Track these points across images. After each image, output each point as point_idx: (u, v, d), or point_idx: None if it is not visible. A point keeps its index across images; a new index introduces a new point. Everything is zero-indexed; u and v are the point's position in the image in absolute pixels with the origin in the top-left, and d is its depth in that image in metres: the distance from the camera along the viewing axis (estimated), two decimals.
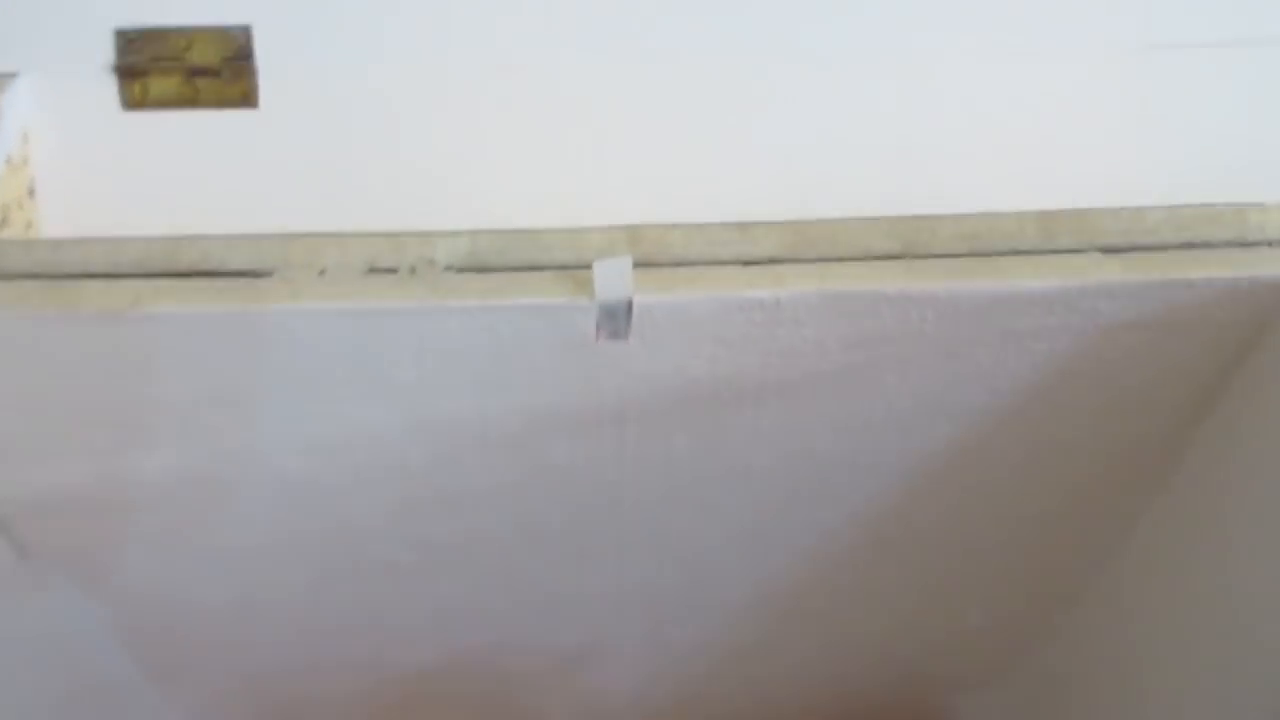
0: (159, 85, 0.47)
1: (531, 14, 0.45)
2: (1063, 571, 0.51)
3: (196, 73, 0.47)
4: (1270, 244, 0.37)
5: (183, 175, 0.48)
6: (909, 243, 0.37)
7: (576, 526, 0.46)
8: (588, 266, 0.35)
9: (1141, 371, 0.39)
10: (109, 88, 0.47)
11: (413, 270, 0.36)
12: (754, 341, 0.37)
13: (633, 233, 0.37)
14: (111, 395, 0.38)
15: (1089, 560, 0.50)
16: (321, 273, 0.36)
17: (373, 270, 0.36)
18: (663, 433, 0.40)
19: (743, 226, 0.37)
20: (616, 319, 0.35)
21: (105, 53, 0.47)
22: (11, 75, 0.45)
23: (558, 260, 0.36)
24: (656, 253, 0.36)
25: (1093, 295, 0.36)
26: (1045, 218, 0.37)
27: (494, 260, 0.36)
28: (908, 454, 0.42)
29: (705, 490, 0.44)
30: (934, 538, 0.48)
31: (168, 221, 0.40)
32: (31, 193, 0.46)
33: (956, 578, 0.51)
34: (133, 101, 0.47)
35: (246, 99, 0.47)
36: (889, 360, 0.38)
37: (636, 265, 0.35)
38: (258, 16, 0.46)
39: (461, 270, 0.36)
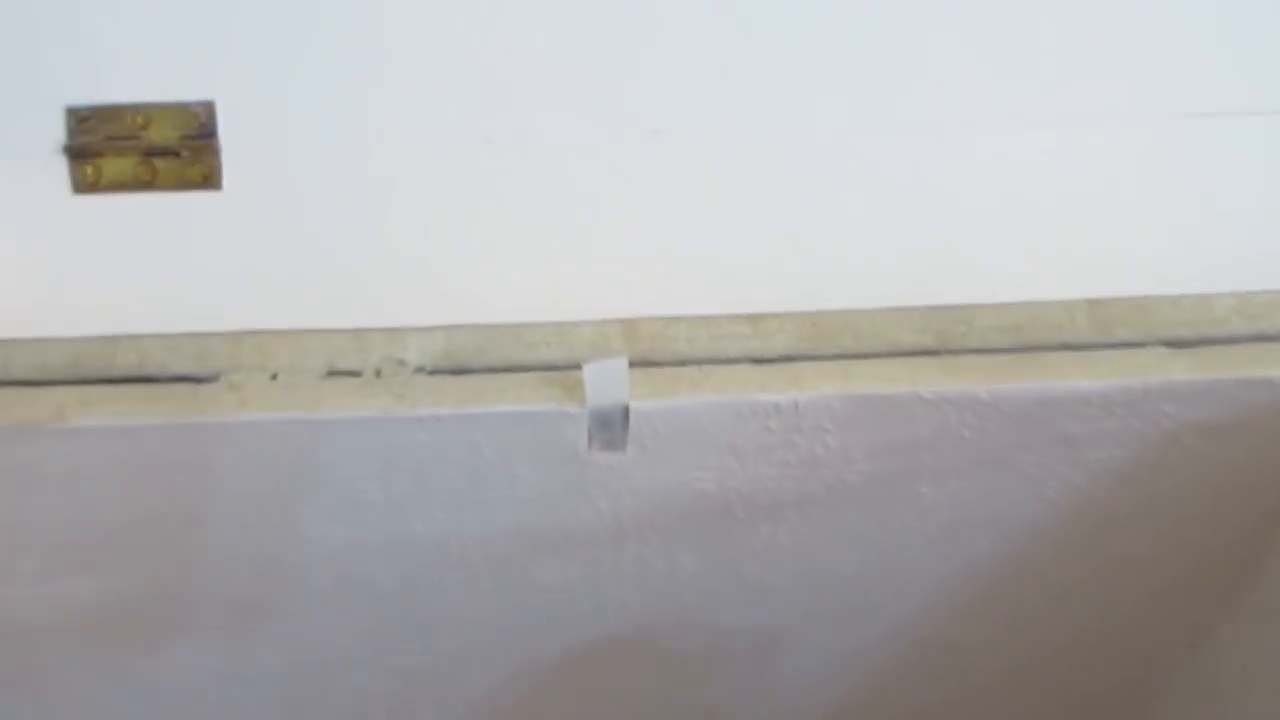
0: (113, 167, 0.43)
1: (518, 88, 0.41)
2: (1117, 695, 0.46)
3: (154, 152, 0.43)
4: None
5: (138, 265, 0.44)
6: (943, 336, 0.33)
7: (572, 654, 0.41)
8: (578, 367, 0.31)
9: (1213, 479, 0.34)
10: (58, 170, 0.43)
11: (378, 373, 0.32)
12: (769, 451, 0.32)
13: (629, 327, 0.32)
14: (34, 516, 0.33)
15: (1145, 685, 0.45)
16: (274, 377, 0.32)
17: (332, 373, 0.32)
18: (666, 552, 0.36)
19: (753, 319, 0.33)
20: (611, 427, 0.31)
21: (55, 132, 0.43)
22: None
23: (544, 360, 0.32)
24: (656, 350, 0.32)
25: (1158, 396, 0.31)
26: (1097, 307, 0.33)
27: (471, 360, 0.32)
28: (945, 573, 0.37)
29: (715, 613, 0.39)
30: (973, 661, 0.43)
31: (118, 317, 0.36)
32: None
33: (1002, 700, 0.46)
34: (84, 185, 0.43)
35: (208, 180, 0.43)
36: (923, 470, 0.33)
37: (633, 365, 0.31)
38: (221, 91, 0.42)
39: (434, 372, 0.32)
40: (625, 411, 0.30)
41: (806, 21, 0.40)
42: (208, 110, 0.42)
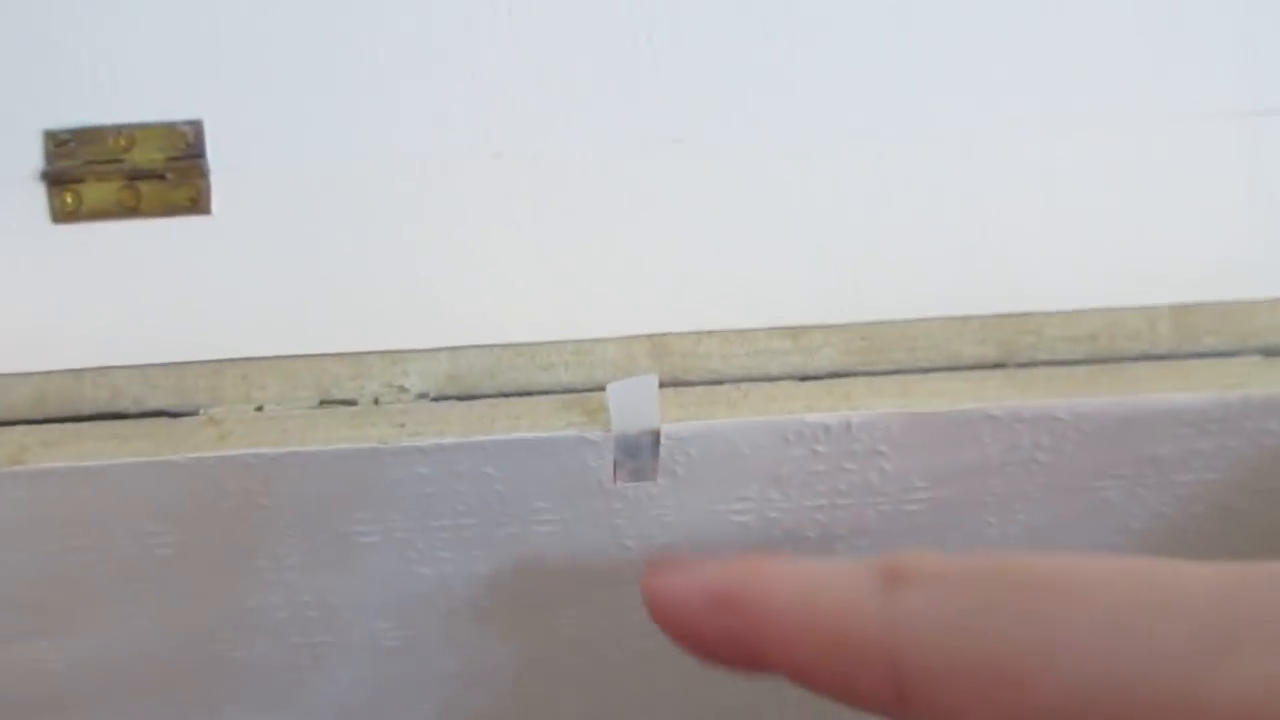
0: (94, 193, 0.40)
1: (525, 98, 0.38)
2: None
3: (138, 176, 0.40)
4: None
5: (120, 298, 0.41)
6: (1007, 347, 0.29)
7: (598, 713, 0.37)
8: (601, 388, 0.27)
9: None
10: (35, 198, 0.40)
11: (376, 401, 0.28)
12: (817, 478, 0.28)
13: (656, 343, 0.29)
14: None
15: None
16: (259, 408, 0.28)
17: (325, 402, 0.28)
18: None
19: (795, 332, 0.29)
20: (639, 454, 0.27)
21: (31, 157, 0.40)
22: None
23: (562, 382, 0.28)
24: (688, 368, 0.28)
25: (1260, 411, 0.27)
26: (1181, 313, 0.29)
27: (480, 384, 0.28)
28: None
29: None
30: None
31: (99, 355, 0.33)
32: None
33: None
34: (63, 213, 0.40)
35: (196, 204, 0.40)
36: (990, 498, 0.30)
37: (663, 385, 0.27)
38: (209, 109, 0.39)
39: (438, 399, 0.28)
40: (655, 436, 0.26)
41: (835, 25, 0.37)
42: (195, 129, 0.39)
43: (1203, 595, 0.16)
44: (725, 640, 0.20)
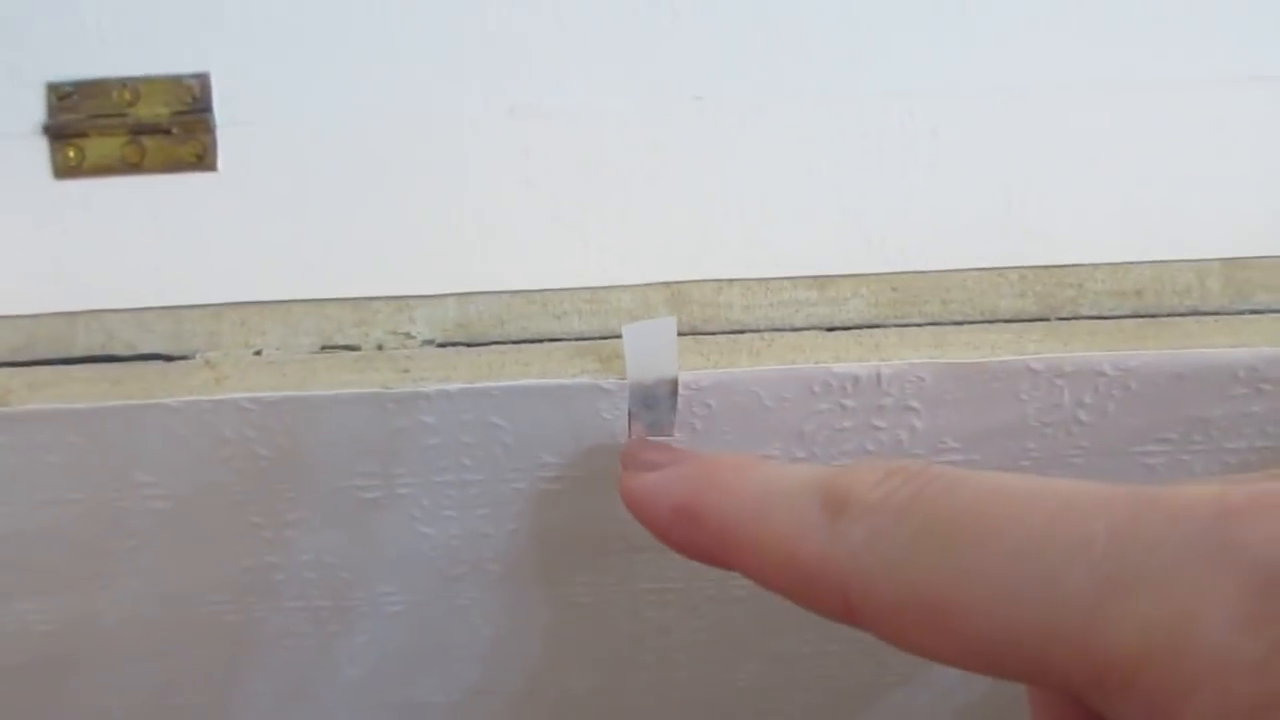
0: (98, 147, 0.39)
1: (542, 53, 0.37)
2: None
3: (142, 130, 0.39)
4: None
5: (125, 255, 0.40)
6: (1047, 301, 0.27)
7: (609, 684, 0.36)
8: (616, 337, 0.26)
9: None
10: (37, 152, 0.39)
11: (380, 348, 0.27)
12: (844, 435, 0.27)
13: (675, 291, 0.27)
14: None
15: None
16: (258, 353, 0.27)
17: (327, 348, 0.27)
18: None
19: (821, 281, 0.28)
20: (656, 405, 0.25)
21: (33, 111, 0.38)
22: None
23: (575, 331, 0.27)
24: (708, 318, 0.27)
25: None
26: (1233, 267, 0.28)
27: (490, 331, 0.27)
28: None
29: (781, 634, 0.33)
30: None
31: (94, 302, 0.31)
32: None
33: None
34: (66, 168, 0.39)
35: (202, 160, 0.39)
36: (1026, 460, 0.28)
37: (682, 333, 0.26)
38: (216, 62, 0.38)
39: (445, 345, 0.27)
40: (673, 385, 0.25)
41: None
42: (201, 83, 0.38)
43: (1100, 533, 0.16)
44: (691, 547, 0.22)
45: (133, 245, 0.38)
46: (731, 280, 0.27)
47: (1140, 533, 0.16)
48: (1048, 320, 0.27)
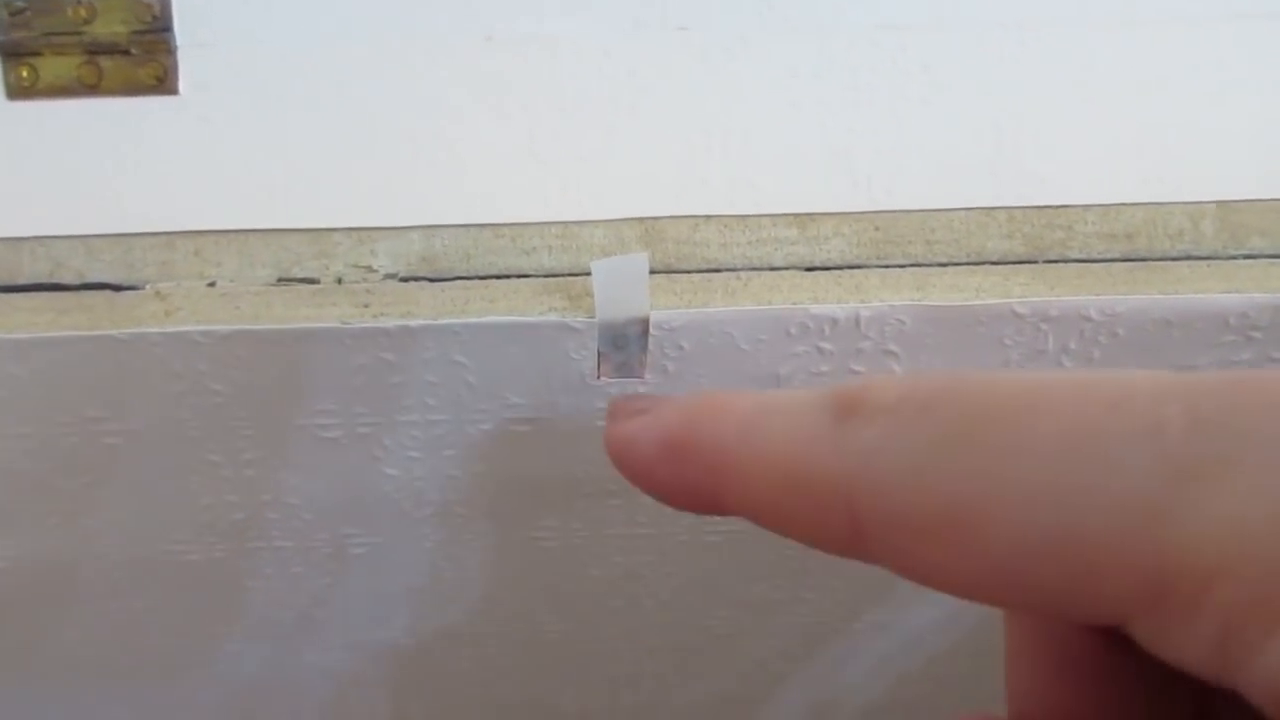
0: (52, 67, 0.37)
1: None
2: None
3: (99, 50, 0.37)
4: None
5: (77, 181, 0.38)
6: (1036, 243, 0.26)
7: (578, 628, 0.35)
8: (587, 274, 0.25)
9: None
10: None
11: (339, 281, 0.26)
12: (820, 379, 0.26)
13: (649, 227, 0.26)
14: None
15: None
16: (211, 284, 0.26)
17: (284, 280, 0.26)
18: None
19: (801, 219, 0.26)
20: (626, 346, 0.24)
21: None
22: None
23: (544, 267, 0.26)
24: (683, 255, 0.26)
25: None
26: (1228, 210, 0.27)
27: (455, 266, 0.26)
28: None
29: (754, 580, 0.33)
30: None
31: (41, 227, 0.30)
32: None
33: None
34: (18, 89, 0.37)
35: (162, 83, 0.37)
36: None
37: (655, 271, 0.25)
38: None
39: (407, 279, 0.26)
40: (644, 325, 0.24)
41: None
42: (161, 1, 0.37)
43: (1175, 418, 0.13)
44: (681, 487, 0.19)
45: (85, 170, 0.37)
46: (709, 217, 0.26)
47: (1230, 419, 0.13)
48: (1035, 263, 0.26)
